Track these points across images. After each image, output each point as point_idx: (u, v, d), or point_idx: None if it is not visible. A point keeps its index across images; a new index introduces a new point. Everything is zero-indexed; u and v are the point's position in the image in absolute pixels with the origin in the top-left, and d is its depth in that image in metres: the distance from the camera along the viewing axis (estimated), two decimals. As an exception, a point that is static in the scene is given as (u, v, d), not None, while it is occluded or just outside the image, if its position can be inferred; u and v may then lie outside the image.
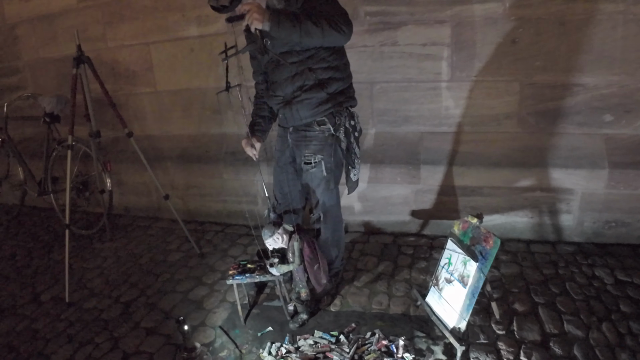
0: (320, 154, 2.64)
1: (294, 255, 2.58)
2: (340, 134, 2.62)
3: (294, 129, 2.70)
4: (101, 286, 3.37)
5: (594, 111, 3.20)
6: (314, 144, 2.64)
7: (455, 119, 3.39)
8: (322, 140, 2.63)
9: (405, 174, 3.58)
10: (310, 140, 2.65)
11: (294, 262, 2.59)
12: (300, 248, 2.56)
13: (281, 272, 2.65)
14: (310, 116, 2.59)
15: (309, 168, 2.68)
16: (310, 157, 2.66)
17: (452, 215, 3.60)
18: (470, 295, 2.35)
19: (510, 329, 2.60)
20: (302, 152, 2.69)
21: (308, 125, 2.63)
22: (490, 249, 2.28)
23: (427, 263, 3.32)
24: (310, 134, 2.64)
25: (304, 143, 2.67)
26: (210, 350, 2.59)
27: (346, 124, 2.63)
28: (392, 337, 2.56)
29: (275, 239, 2.60)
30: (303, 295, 2.74)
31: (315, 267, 2.66)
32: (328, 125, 2.60)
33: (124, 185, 4.61)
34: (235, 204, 4.21)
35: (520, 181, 3.40)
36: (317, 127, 2.62)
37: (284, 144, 2.81)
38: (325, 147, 2.63)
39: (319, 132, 2.62)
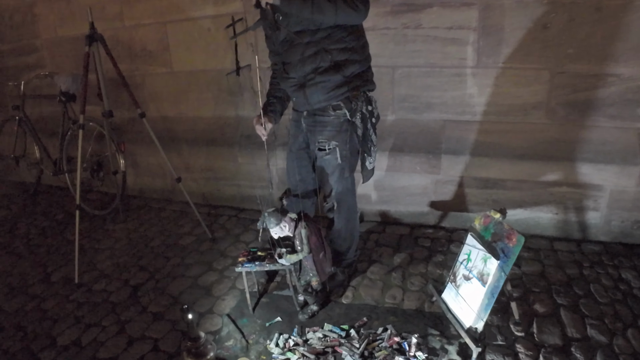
0: (335, 140, 2.53)
1: (302, 243, 2.47)
2: (357, 119, 2.50)
3: (308, 113, 2.58)
4: (111, 268, 3.33)
5: (628, 104, 3.01)
6: (329, 130, 2.53)
7: (479, 107, 3.24)
8: (337, 126, 2.51)
9: (425, 163, 3.45)
10: (325, 125, 2.53)
11: (302, 250, 2.49)
12: (307, 236, 2.45)
13: (291, 262, 2.55)
14: (325, 100, 2.47)
15: (323, 155, 2.57)
16: (325, 144, 2.55)
17: (473, 208, 3.46)
18: (490, 294, 2.22)
19: (529, 331, 2.48)
20: (316, 138, 2.58)
21: (323, 109, 2.51)
22: (513, 246, 2.15)
23: (444, 257, 3.19)
24: (325, 119, 2.52)
25: (318, 128, 2.56)
26: (217, 339, 2.52)
27: (363, 109, 2.50)
28: (405, 334, 2.45)
29: (282, 227, 2.49)
30: (314, 284, 2.64)
31: (320, 255, 2.56)
32: (344, 110, 2.47)
33: (138, 166, 4.57)
34: (250, 188, 4.13)
35: (546, 175, 3.25)
36: (332, 112, 2.50)
37: (298, 128, 2.70)
38: (340, 133, 2.52)
39: (334, 117, 2.50)
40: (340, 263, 2.90)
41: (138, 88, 4.17)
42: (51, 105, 4.44)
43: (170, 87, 4.11)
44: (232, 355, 2.40)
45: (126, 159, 4.16)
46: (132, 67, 4.17)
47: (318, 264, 2.54)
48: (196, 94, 4.02)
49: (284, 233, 2.51)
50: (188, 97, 4.07)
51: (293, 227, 2.50)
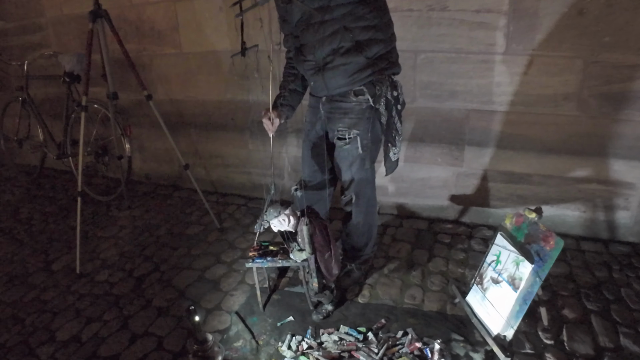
0: (356, 129, 2.34)
1: (304, 242, 2.30)
2: (381, 106, 2.31)
3: (327, 99, 2.39)
4: (114, 257, 3.19)
5: (666, 97, 2.82)
6: (350, 117, 2.34)
7: (507, 96, 3.04)
8: (359, 113, 2.32)
9: (447, 154, 3.27)
10: (346, 112, 2.34)
11: (305, 250, 2.33)
12: (310, 234, 2.28)
13: (298, 260, 2.40)
14: (346, 85, 2.27)
15: (342, 144, 2.39)
16: (345, 132, 2.36)
17: (495, 203, 3.29)
18: (522, 300, 2.06)
19: (559, 338, 2.31)
20: (335, 126, 2.39)
21: (343, 95, 2.32)
22: (550, 250, 1.97)
23: (465, 254, 3.02)
24: (346, 106, 2.33)
25: (338, 115, 2.37)
26: (224, 339, 2.37)
27: (388, 94, 2.31)
28: (426, 339, 2.29)
29: (280, 221, 2.33)
30: (314, 286, 2.47)
31: (326, 255, 2.37)
32: (366, 96, 2.28)
33: (145, 151, 4.41)
34: (260, 176, 3.97)
35: (575, 171, 3.06)
36: (354, 98, 2.30)
37: (315, 115, 2.51)
38: (362, 120, 2.33)
39: (356, 103, 2.31)
40: (357, 259, 2.74)
41: (146, 69, 4.00)
42: (56, 86, 4.28)
43: (179, 69, 3.93)
44: (241, 357, 2.25)
45: (132, 143, 4.01)
46: (139, 47, 4.00)
47: (323, 264, 2.37)
48: (206, 77, 3.84)
49: (283, 227, 2.35)
50: (197, 79, 3.88)
51: (295, 223, 2.34)
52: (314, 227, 2.30)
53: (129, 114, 4.27)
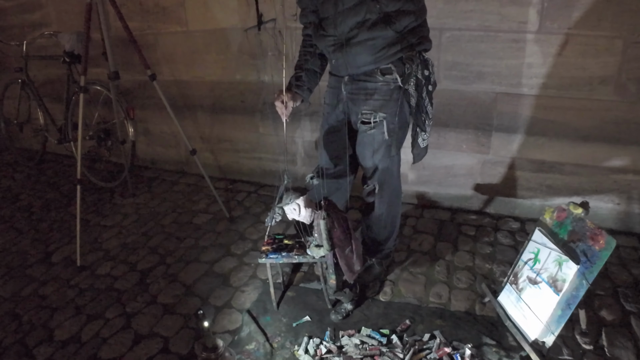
0: (382, 112, 2.11)
1: (321, 237, 2.08)
2: (410, 86, 2.08)
3: (349, 78, 2.15)
4: (118, 249, 3.01)
5: None
6: (375, 99, 2.11)
7: (538, 79, 2.81)
8: (386, 94, 2.09)
9: (473, 141, 3.04)
10: (371, 93, 2.11)
11: (323, 246, 2.10)
12: (328, 229, 2.06)
13: (316, 256, 2.19)
14: (371, 62, 2.04)
15: (366, 129, 2.16)
16: (370, 115, 2.12)
17: (523, 193, 3.07)
18: (564, 305, 1.86)
19: (598, 343, 2.12)
20: (359, 109, 2.16)
21: (369, 74, 2.09)
22: (600, 250, 1.76)
23: (492, 248, 2.82)
24: (371, 86, 2.10)
25: (362, 97, 2.14)
26: (235, 341, 2.19)
27: (418, 73, 2.08)
28: (456, 343, 2.10)
29: (292, 209, 2.12)
30: (332, 284, 2.27)
31: (346, 250, 2.16)
32: (395, 75, 2.05)
33: (150, 135, 4.20)
34: (272, 162, 3.76)
35: (610, 160, 2.83)
36: (381, 77, 2.07)
37: (336, 97, 2.27)
38: (389, 103, 2.10)
39: (383, 83, 2.08)
40: (378, 253, 2.54)
41: (150, 49, 3.78)
42: (56, 67, 4.07)
43: (185, 48, 3.70)
44: (254, 361, 2.07)
45: (136, 127, 3.81)
46: (143, 25, 3.77)
47: (344, 261, 2.15)
48: (214, 56, 3.61)
49: (295, 216, 2.14)
50: (205, 59, 3.66)
51: (309, 214, 2.13)
52: (332, 221, 2.09)
53: (132, 95, 4.07)
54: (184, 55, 3.75)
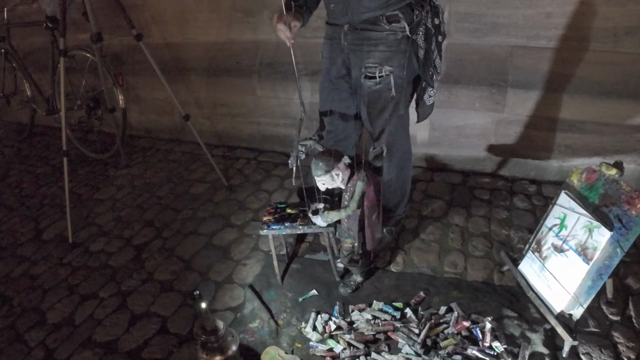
0: (388, 65, 1.90)
1: (352, 199, 1.86)
2: (419, 37, 1.86)
3: (350, 27, 1.92)
4: (111, 223, 2.85)
5: None
6: (381, 50, 1.88)
7: (558, 30, 2.58)
8: (393, 45, 1.87)
9: (487, 98, 2.83)
10: (376, 44, 1.88)
11: (348, 206, 1.88)
12: (363, 191, 1.86)
13: (328, 222, 1.96)
14: (377, 8, 1.81)
15: (372, 84, 1.95)
16: (375, 69, 1.91)
17: (539, 154, 2.88)
18: (595, 274, 1.69)
19: (625, 313, 1.97)
20: (362, 62, 1.94)
21: (373, 21, 1.85)
22: (637, 215, 1.58)
23: (508, 213, 2.65)
24: (376, 35, 1.87)
25: (365, 48, 1.91)
26: (238, 319, 2.04)
27: (428, 22, 1.87)
28: (475, 316, 1.95)
29: (333, 176, 1.87)
30: (346, 246, 2.06)
31: (374, 216, 1.97)
32: (402, 23, 1.82)
33: (143, 102, 3.99)
34: (271, 126, 3.56)
35: (635, 117, 2.63)
36: (387, 26, 1.84)
37: (336, 49, 2.04)
38: (396, 54, 1.88)
39: (389, 32, 1.85)
40: (387, 221, 2.37)
41: (138, 9, 3.54)
42: (40, 35, 3.81)
43: (175, 7, 3.46)
44: (258, 341, 1.92)
45: (126, 94, 3.60)
46: (129, -16, 3.51)
47: (369, 227, 1.96)
48: (206, 15, 3.37)
49: (334, 184, 1.91)
50: (196, 18, 3.42)
51: (347, 177, 1.91)
52: (370, 183, 1.88)
53: (121, 61, 3.84)
54: (174, 16, 3.52)
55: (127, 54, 3.80)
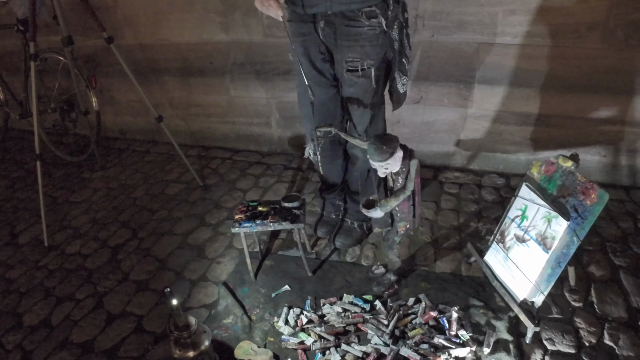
0: (369, 59, 1.94)
1: (408, 179, 1.85)
2: (394, 31, 1.93)
3: (326, 22, 1.93)
4: (87, 225, 2.86)
5: (702, 27, 2.48)
6: (362, 45, 1.92)
7: (522, 27, 2.66)
8: (372, 40, 1.91)
9: (455, 94, 2.91)
10: (356, 39, 1.92)
11: (406, 187, 1.86)
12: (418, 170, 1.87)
13: (388, 210, 1.90)
14: (357, 1, 1.84)
15: (353, 78, 1.99)
16: (358, 63, 1.95)
17: (508, 148, 2.97)
18: (554, 263, 1.76)
19: (588, 300, 2.06)
20: (343, 56, 1.97)
21: (351, 17, 1.88)
22: (591, 205, 1.66)
23: (477, 206, 2.73)
24: (356, 31, 1.90)
25: (346, 44, 1.94)
26: (212, 315, 2.08)
27: (400, 17, 1.93)
28: (442, 306, 2.02)
29: (396, 159, 1.79)
30: (401, 230, 2.04)
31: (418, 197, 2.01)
32: (380, 19, 1.87)
33: (117, 103, 3.98)
34: (246, 125, 3.59)
35: (598, 111, 2.72)
36: (366, 22, 1.88)
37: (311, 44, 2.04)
38: (375, 48, 1.94)
39: (369, 27, 1.89)
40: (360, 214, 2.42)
41: (109, 10, 3.53)
42: (12, 38, 3.78)
43: (147, 9, 3.45)
44: (232, 336, 1.97)
45: (100, 96, 3.61)
46: (101, -15, 3.51)
47: (419, 206, 2.02)
48: (179, 15, 3.38)
49: (394, 168, 1.83)
50: (169, 19, 3.43)
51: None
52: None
53: (95, 63, 3.83)
54: (147, 17, 3.52)
55: (101, 56, 3.80)
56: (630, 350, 1.82)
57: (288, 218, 2.13)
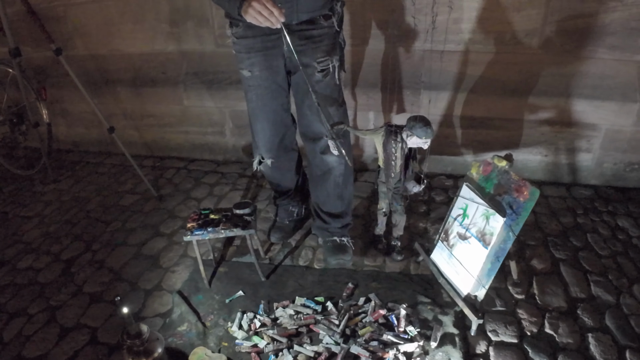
0: (333, 56, 2.03)
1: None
2: (342, 30, 2.07)
3: (289, 31, 1.86)
4: (39, 240, 2.81)
5: (631, 33, 2.66)
6: (326, 44, 2.00)
7: (465, 34, 2.79)
8: (333, 39, 2.01)
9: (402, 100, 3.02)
10: (320, 40, 1.99)
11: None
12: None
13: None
14: (320, 7, 1.91)
15: (322, 77, 2.04)
16: (327, 62, 2.02)
17: (455, 150, 3.09)
18: (493, 257, 1.86)
19: (530, 292, 2.18)
20: (312, 59, 1.99)
21: (312, 22, 1.94)
22: (524, 201, 1.76)
23: (426, 207, 2.83)
24: (318, 33, 1.98)
25: (312, 46, 1.99)
26: (167, 324, 2.09)
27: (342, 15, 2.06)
28: (391, 304, 2.10)
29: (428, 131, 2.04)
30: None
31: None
32: (333, 19, 1.97)
33: (70, 115, 3.92)
34: (200, 135, 3.61)
35: (538, 113, 2.88)
36: (325, 23, 1.96)
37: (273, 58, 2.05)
38: (335, 47, 2.04)
39: (328, 28, 1.98)
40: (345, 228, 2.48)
41: (60, 21, 3.50)
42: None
43: (99, 19, 3.44)
44: (186, 343, 1.98)
45: (51, 108, 3.55)
46: (50, -5, 3.47)
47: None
48: (130, 26, 3.38)
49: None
50: (121, 30, 3.42)
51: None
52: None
53: (45, 74, 3.77)
54: (99, 27, 3.50)
55: (51, 68, 3.75)
56: (569, 337, 1.94)
57: (239, 224, 2.17)
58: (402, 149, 2.07)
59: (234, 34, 2.05)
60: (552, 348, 1.90)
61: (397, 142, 2.04)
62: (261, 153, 2.34)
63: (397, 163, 2.10)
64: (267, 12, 1.69)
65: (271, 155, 2.32)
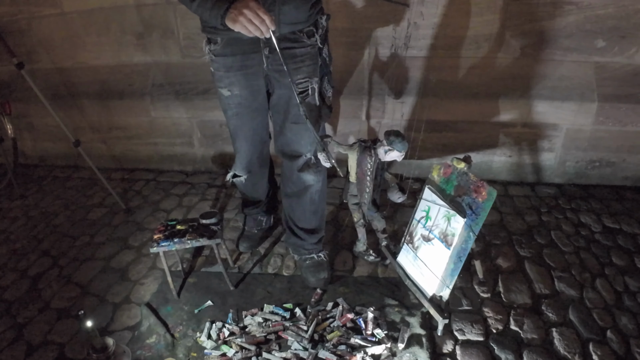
0: (315, 77, 1.96)
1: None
2: (325, 46, 1.98)
3: (270, 49, 1.86)
4: (5, 257, 2.75)
5: (586, 35, 2.76)
6: (307, 65, 1.93)
7: (426, 40, 2.84)
8: (314, 58, 1.94)
9: (367, 106, 3.07)
10: (302, 60, 1.92)
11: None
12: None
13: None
14: (304, 20, 1.84)
15: (303, 98, 1.96)
16: (307, 83, 1.95)
17: (421, 154, 3.11)
18: (456, 258, 1.90)
19: (495, 290, 2.23)
20: (292, 78, 1.82)
21: (294, 39, 1.87)
22: (483, 202, 1.80)
23: (392, 211, 2.86)
24: (301, 52, 1.91)
25: (292, 66, 1.89)
26: (135, 336, 2.07)
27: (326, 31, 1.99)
28: (359, 308, 2.12)
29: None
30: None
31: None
32: (316, 36, 1.90)
33: (35, 130, 3.86)
34: (168, 146, 3.59)
35: (500, 115, 2.95)
36: (308, 41, 1.89)
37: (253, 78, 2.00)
38: (316, 66, 1.96)
39: (310, 46, 1.91)
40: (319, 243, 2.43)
41: (24, 35, 3.45)
42: None
43: (63, 32, 3.40)
44: (155, 355, 1.97)
45: (16, 122, 3.50)
46: (13, 9, 3.41)
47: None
48: (95, 39, 3.35)
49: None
50: (86, 42, 3.39)
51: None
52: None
53: (10, 89, 3.72)
54: (63, 40, 3.46)
55: (16, 82, 3.70)
56: (534, 332, 1.99)
57: (205, 234, 2.17)
58: (376, 163, 2.08)
59: (212, 51, 1.96)
60: (517, 344, 1.94)
61: (371, 157, 2.05)
62: (236, 170, 2.34)
63: (372, 178, 2.11)
64: (258, 20, 1.57)
65: (246, 172, 2.33)
